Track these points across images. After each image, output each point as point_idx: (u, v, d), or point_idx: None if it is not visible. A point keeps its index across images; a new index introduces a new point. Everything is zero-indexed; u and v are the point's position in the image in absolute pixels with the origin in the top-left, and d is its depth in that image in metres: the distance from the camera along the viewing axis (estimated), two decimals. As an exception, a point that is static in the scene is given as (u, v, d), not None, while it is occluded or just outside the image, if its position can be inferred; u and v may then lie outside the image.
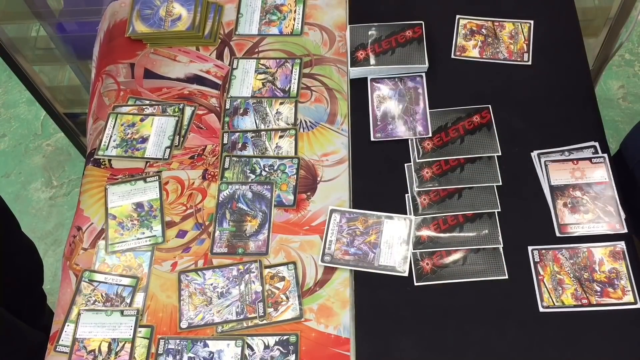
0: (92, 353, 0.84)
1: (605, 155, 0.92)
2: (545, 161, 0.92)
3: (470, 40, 1.05)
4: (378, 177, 0.94)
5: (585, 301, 0.83)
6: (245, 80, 1.03)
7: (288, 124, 0.99)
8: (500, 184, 0.91)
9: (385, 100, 1.00)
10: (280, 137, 0.98)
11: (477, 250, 0.87)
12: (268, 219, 0.91)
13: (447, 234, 0.88)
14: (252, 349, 0.83)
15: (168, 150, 0.98)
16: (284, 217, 0.92)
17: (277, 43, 1.07)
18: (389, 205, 0.91)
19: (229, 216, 0.92)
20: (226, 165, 0.96)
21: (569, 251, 0.86)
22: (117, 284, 0.88)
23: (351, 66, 1.02)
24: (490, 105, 0.98)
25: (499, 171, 0.92)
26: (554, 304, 0.83)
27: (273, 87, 1.02)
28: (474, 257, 0.87)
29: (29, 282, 1.39)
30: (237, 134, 0.98)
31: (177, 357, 0.83)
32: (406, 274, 0.86)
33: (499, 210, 0.89)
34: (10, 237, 1.27)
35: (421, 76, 1.02)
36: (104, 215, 0.94)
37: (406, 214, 0.90)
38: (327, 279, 0.87)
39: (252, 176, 0.94)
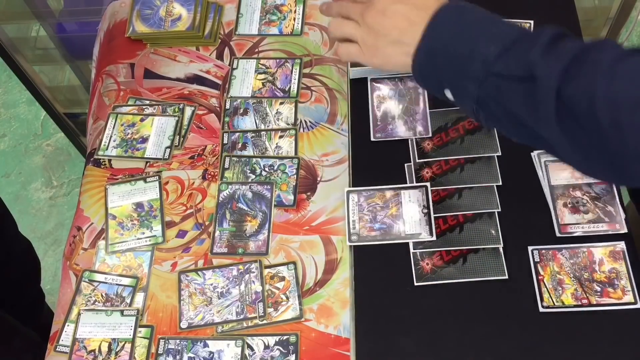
0: (92, 353, 0.84)
1: (605, 155, 0.92)
2: (545, 161, 0.92)
3: (470, 40, 1.05)
4: (378, 177, 0.94)
5: (585, 301, 0.83)
6: (245, 80, 1.03)
7: (288, 124, 0.99)
8: (500, 184, 0.91)
9: (385, 100, 1.00)
10: (280, 137, 0.98)
11: (477, 250, 0.87)
12: (268, 219, 0.91)
13: (447, 234, 0.88)
14: (252, 349, 0.83)
15: (168, 150, 0.98)
16: (284, 217, 0.92)
17: (277, 43, 1.07)
18: (389, 205, 0.91)
19: (229, 216, 0.92)
20: (226, 165, 0.96)
21: (569, 251, 0.86)
22: (117, 284, 0.88)
23: (351, 66, 1.02)
24: (490, 105, 0.98)
25: (499, 171, 0.92)
26: (554, 304, 0.83)
27: (273, 87, 1.02)
28: (474, 257, 0.87)
29: (26, 281, 1.39)
30: (237, 134, 0.98)
31: (177, 357, 0.83)
32: (434, 238, 0.87)
33: (499, 210, 0.89)
34: (6, 236, 1.27)
35: (421, 76, 1.02)
36: (104, 215, 0.94)
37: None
38: (327, 279, 0.87)
39: (252, 176, 0.94)
